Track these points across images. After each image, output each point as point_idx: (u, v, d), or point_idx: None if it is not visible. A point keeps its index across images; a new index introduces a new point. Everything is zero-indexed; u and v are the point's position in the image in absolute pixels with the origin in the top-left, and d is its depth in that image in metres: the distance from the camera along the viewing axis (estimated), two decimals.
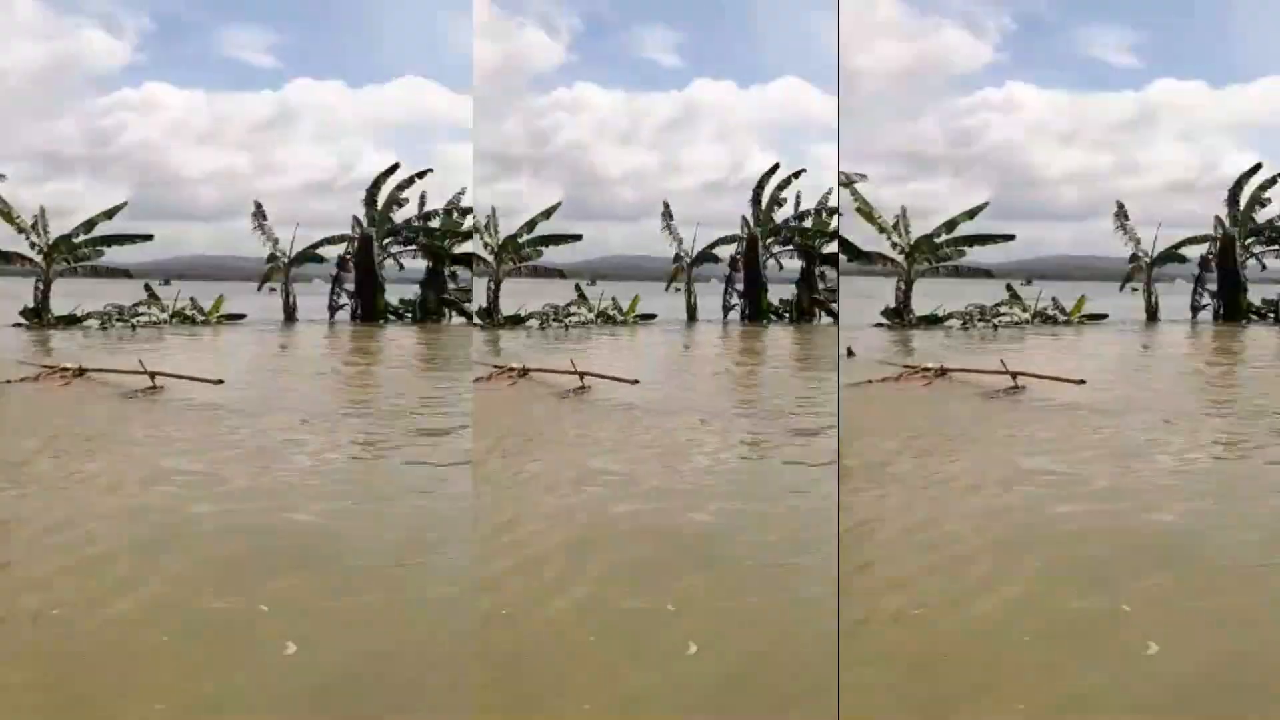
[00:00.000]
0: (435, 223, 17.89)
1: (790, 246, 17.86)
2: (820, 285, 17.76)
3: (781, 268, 18.01)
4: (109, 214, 17.20)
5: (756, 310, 18.02)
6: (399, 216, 17.99)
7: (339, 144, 17.33)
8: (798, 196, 17.65)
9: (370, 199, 17.86)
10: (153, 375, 14.13)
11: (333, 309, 18.23)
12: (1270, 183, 16.87)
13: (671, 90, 16.84)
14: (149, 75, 16.88)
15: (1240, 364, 17.14)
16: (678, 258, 17.96)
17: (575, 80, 17.01)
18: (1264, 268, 17.37)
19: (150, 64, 16.94)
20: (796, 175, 17.48)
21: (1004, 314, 17.80)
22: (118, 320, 17.50)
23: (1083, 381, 13.99)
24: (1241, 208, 17.13)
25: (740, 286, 18.00)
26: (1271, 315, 17.44)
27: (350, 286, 18.13)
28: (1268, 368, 16.58)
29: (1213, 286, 17.59)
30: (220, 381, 14.01)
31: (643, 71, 16.74)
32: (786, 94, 16.67)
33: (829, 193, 17.43)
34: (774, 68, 16.48)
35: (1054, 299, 17.99)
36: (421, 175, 17.74)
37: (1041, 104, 16.62)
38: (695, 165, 17.33)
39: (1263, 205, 17.00)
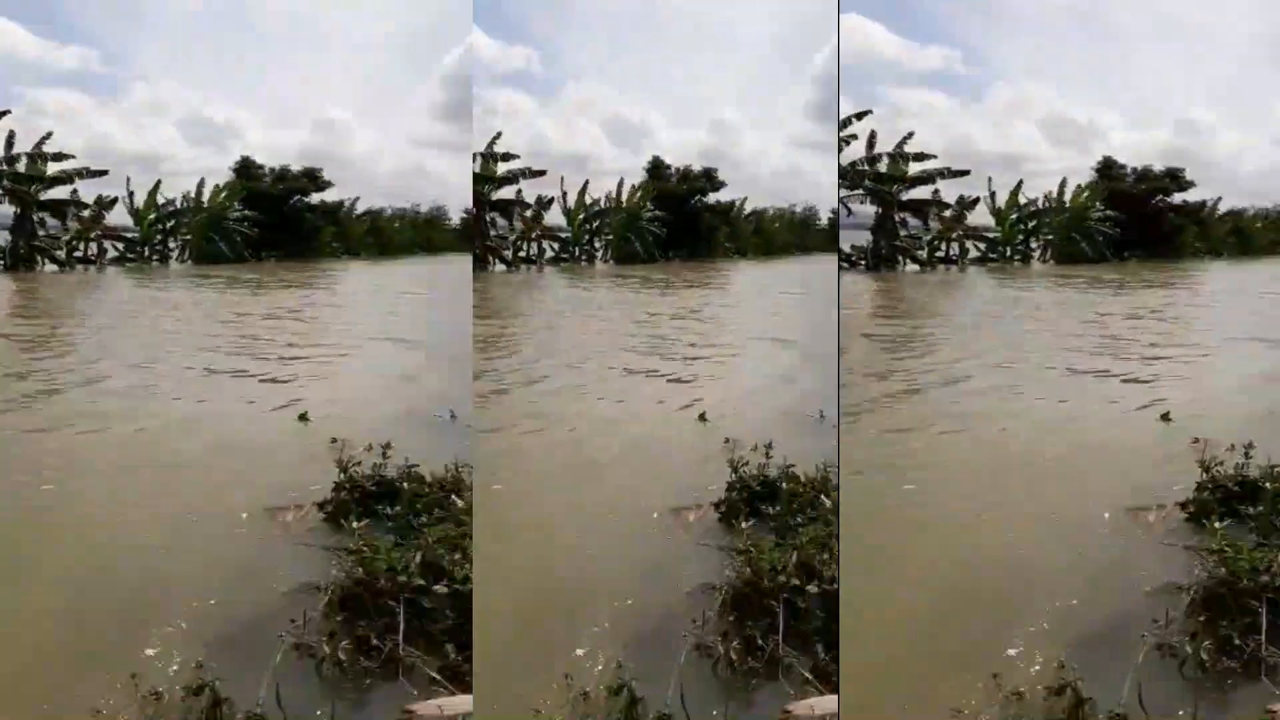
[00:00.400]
0: (21, 166, 17.16)
1: None
2: None
3: None
4: None
5: None
6: None
7: None
8: None
9: None
10: None
11: None
12: (848, 122, 16.62)
13: None
14: None
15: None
16: None
17: None
18: (850, 213, 17.22)
19: None
20: None
21: None
22: None
23: None
24: None
25: None
26: (863, 263, 17.26)
27: None
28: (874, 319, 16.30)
29: None
30: None
31: None
32: None
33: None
34: None
35: None
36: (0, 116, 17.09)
37: None
38: None
39: (847, 144, 16.98)
